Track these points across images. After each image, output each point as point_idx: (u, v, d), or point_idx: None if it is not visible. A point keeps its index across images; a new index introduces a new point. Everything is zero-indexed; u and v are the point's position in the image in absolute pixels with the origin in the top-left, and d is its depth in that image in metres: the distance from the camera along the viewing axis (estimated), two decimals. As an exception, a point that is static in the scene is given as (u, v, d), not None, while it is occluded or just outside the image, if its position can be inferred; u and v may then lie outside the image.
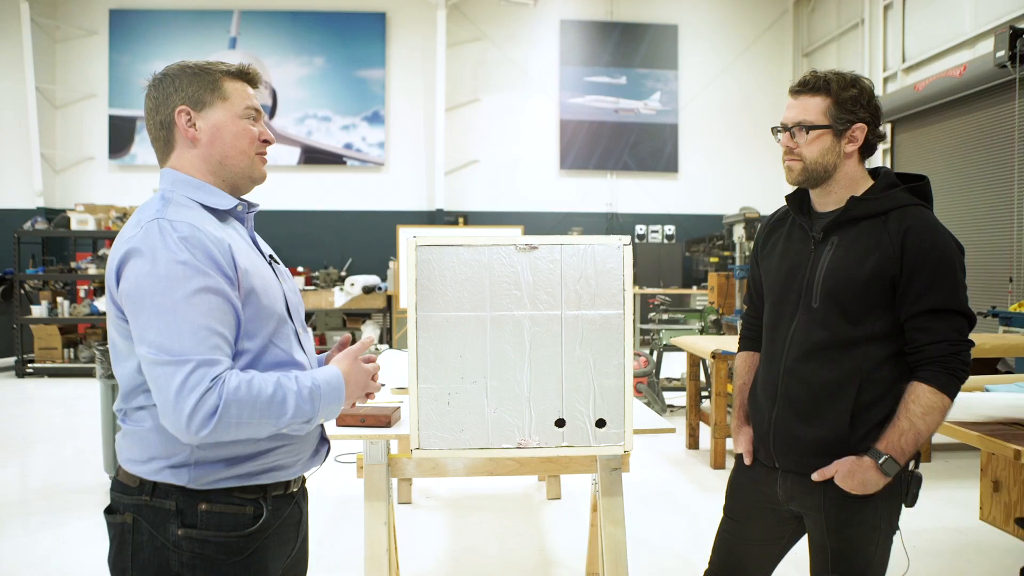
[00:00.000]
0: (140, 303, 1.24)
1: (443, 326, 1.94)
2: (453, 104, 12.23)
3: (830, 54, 11.57)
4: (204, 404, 1.20)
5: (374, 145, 12.31)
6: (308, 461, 1.49)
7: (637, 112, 12.46)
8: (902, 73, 9.76)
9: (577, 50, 12.41)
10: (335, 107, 12.25)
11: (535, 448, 1.97)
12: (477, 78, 12.39)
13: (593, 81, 12.43)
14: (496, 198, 12.44)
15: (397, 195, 12.34)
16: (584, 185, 12.53)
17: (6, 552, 3.39)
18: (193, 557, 1.30)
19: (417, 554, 3.38)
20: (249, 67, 1.48)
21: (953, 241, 1.60)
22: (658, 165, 12.52)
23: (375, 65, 12.24)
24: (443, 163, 12.05)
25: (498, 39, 12.36)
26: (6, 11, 11.65)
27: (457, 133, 12.29)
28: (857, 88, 1.64)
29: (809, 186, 1.71)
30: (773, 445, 1.73)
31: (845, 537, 1.64)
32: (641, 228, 12.37)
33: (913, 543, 3.50)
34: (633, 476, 4.50)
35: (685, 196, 12.48)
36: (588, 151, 12.48)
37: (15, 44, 11.51)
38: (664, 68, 12.42)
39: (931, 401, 1.56)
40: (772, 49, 12.53)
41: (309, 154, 12.27)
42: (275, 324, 1.38)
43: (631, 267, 1.95)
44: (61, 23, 11.95)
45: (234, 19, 12.06)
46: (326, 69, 12.21)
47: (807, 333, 1.67)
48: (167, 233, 1.26)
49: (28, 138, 11.58)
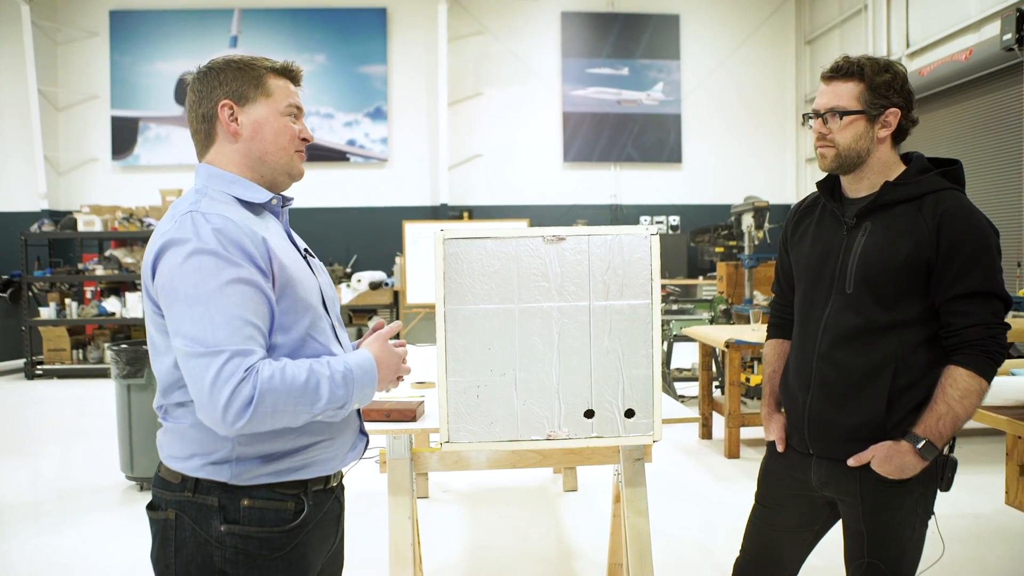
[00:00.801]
0: (174, 295, 1.25)
1: (471, 319, 1.94)
2: (455, 98, 12.20)
3: (833, 41, 11.53)
4: (239, 395, 1.20)
5: (377, 141, 12.29)
6: (347, 455, 1.49)
7: (640, 103, 12.42)
8: (906, 59, 9.71)
9: (579, 42, 12.37)
10: (337, 104, 12.23)
11: (564, 439, 1.98)
12: (479, 72, 12.36)
13: (595, 73, 12.40)
14: (500, 192, 12.43)
15: (401, 191, 12.33)
16: (588, 177, 12.51)
17: (24, 552, 3.40)
18: (236, 553, 1.31)
19: (437, 548, 3.39)
20: (293, 64, 1.49)
21: (988, 224, 1.60)
22: (661, 156, 12.49)
23: (377, 61, 12.21)
24: (446, 158, 12.03)
25: (499, 32, 12.32)
26: (7, 14, 11.63)
27: (460, 127, 12.27)
28: (891, 73, 1.63)
29: (842, 172, 1.70)
30: (808, 431, 1.73)
31: (881, 522, 1.64)
32: (646, 219, 12.34)
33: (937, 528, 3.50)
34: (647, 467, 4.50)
35: (689, 186, 12.46)
36: (591, 143, 12.46)
37: (16, 47, 11.49)
38: (666, 58, 12.38)
39: (968, 384, 1.56)
40: (774, 37, 12.48)
41: (312, 151, 12.24)
42: (311, 317, 1.39)
43: (658, 257, 1.95)
44: (62, 25, 11.93)
45: (235, 18, 12.03)
46: (328, 66, 12.18)
47: (841, 319, 1.66)
48: (200, 225, 1.26)
49: (31, 141, 11.58)
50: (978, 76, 7.96)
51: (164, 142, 11.80)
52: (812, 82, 12.28)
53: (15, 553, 3.42)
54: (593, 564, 3.17)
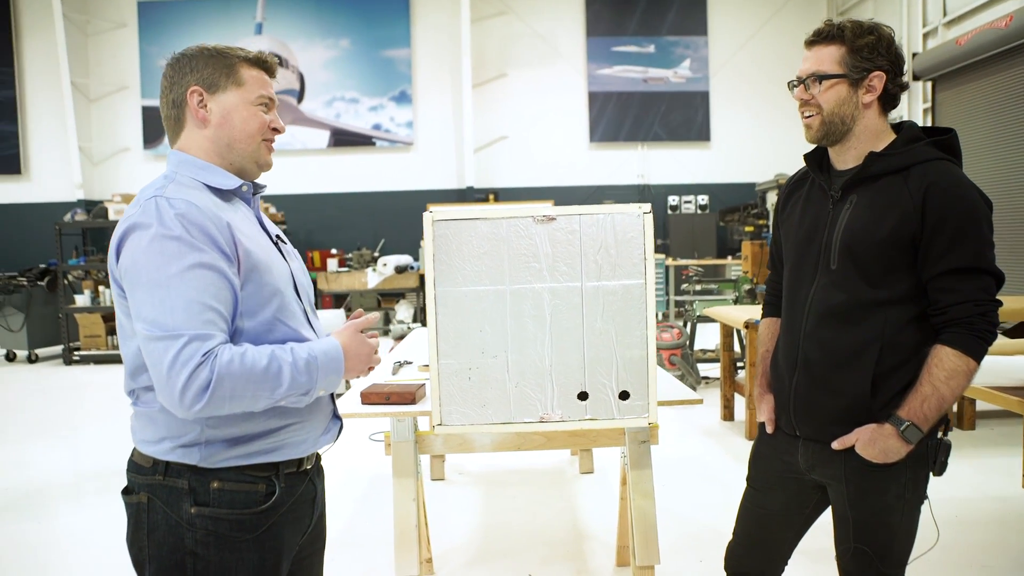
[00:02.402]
0: (136, 279, 1.26)
1: (462, 301, 1.92)
2: (480, 80, 12.14)
3: (866, 12, 11.17)
4: (196, 378, 1.21)
5: (402, 125, 12.30)
6: (319, 438, 1.49)
7: (667, 81, 12.22)
8: (943, 28, 9.38)
9: (603, 20, 12.19)
10: (362, 88, 12.26)
11: (558, 422, 1.96)
12: (503, 53, 12.27)
13: (621, 51, 12.22)
14: (526, 173, 12.36)
15: (427, 174, 12.34)
16: (615, 157, 12.37)
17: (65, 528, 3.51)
18: (207, 535, 1.32)
19: (448, 529, 3.40)
20: (268, 56, 1.48)
21: (979, 195, 1.52)
22: (689, 134, 12.29)
23: (401, 44, 12.19)
24: (472, 140, 11.99)
25: (523, 12, 12.20)
26: (39, 8, 11.87)
27: (485, 110, 12.21)
28: (875, 35, 1.56)
29: (829, 143, 1.63)
30: (793, 413, 1.68)
31: (867, 507, 1.59)
32: (674, 199, 12.19)
33: (955, 512, 3.41)
34: (667, 449, 4.46)
35: (718, 165, 12.24)
36: (618, 122, 12.31)
37: (49, 40, 11.73)
38: (693, 34, 12.14)
39: (955, 365, 1.49)
40: (805, 9, 12.14)
41: (338, 136, 12.32)
42: (279, 302, 1.39)
43: (652, 235, 1.91)
44: (92, 17, 12.12)
45: (259, 4, 12.10)
46: (352, 51, 12.20)
47: (826, 296, 1.61)
48: (164, 210, 1.27)
49: (66, 132, 11.84)
50: (1019, 44, 7.65)
51: (193, 130, 11.97)
52: (845, 55, 11.92)
53: (59, 529, 3.54)
54: (603, 546, 3.16)
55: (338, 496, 3.86)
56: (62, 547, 3.33)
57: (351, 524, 3.52)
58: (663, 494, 3.75)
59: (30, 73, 12.18)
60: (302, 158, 12.29)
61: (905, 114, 10.10)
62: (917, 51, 9.74)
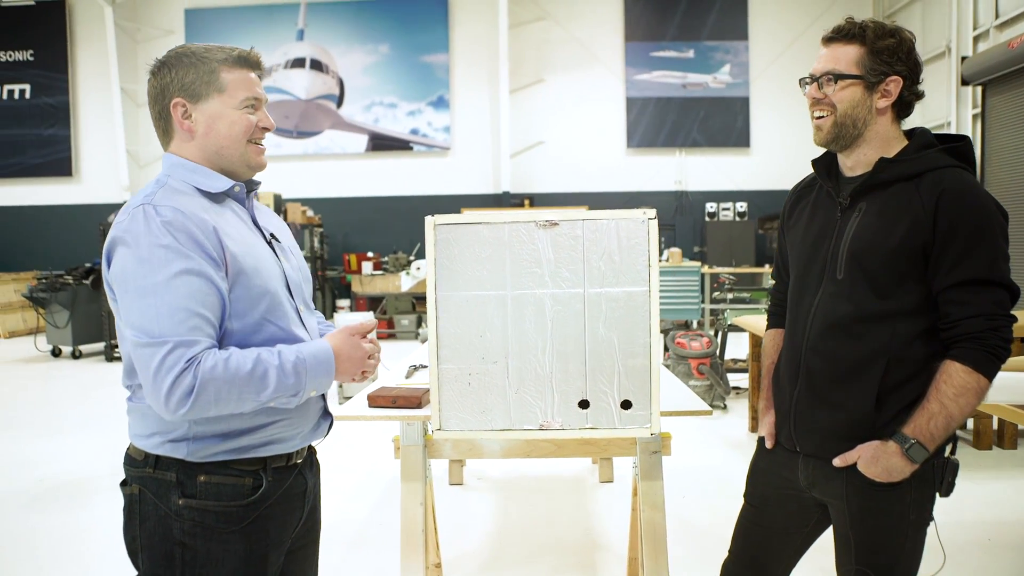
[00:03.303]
0: (124, 286, 1.29)
1: (463, 306, 1.91)
2: (517, 86, 12.16)
3: (914, 14, 10.88)
4: (180, 384, 1.24)
5: (440, 130, 12.39)
6: (308, 435, 1.51)
7: (706, 86, 12.08)
8: (995, 30, 9.07)
9: (642, 25, 12.11)
10: (401, 93, 12.39)
11: (558, 430, 1.93)
12: (541, 58, 12.27)
13: (660, 56, 12.12)
14: (562, 179, 12.34)
15: (463, 179, 12.40)
16: (652, 163, 12.26)
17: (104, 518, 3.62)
18: (194, 525, 1.35)
19: (463, 534, 3.39)
20: (250, 52, 1.46)
21: (994, 204, 1.44)
22: (729, 140, 12.12)
23: (439, 50, 12.29)
24: (508, 145, 12.02)
25: (561, 17, 12.19)
26: (92, 17, 12.29)
27: (522, 115, 12.23)
28: (896, 38, 1.49)
29: (839, 148, 1.57)
30: (794, 427, 1.61)
31: (869, 528, 1.51)
32: (712, 206, 12.01)
33: (989, 535, 3.27)
34: (690, 459, 4.39)
35: (758, 171, 12.04)
36: (656, 128, 12.20)
37: (100, 48, 12.14)
38: (734, 39, 11.98)
39: (965, 381, 1.41)
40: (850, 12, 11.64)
41: (376, 141, 12.46)
42: (268, 303, 1.40)
43: (656, 242, 1.87)
44: (141, 25, 12.51)
45: (301, 11, 12.33)
46: (391, 56, 12.35)
47: (831, 306, 1.54)
48: (151, 218, 1.29)
49: (115, 136, 12.22)
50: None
51: (236, 135, 12.21)
52: (891, 59, 11.62)
53: (96, 518, 3.66)
54: (615, 557, 3.11)
55: (355, 496, 3.88)
56: (98, 536, 3.43)
57: (366, 525, 3.53)
58: (682, 505, 3.68)
59: (83, 80, 12.61)
60: (340, 162, 12.46)
61: (953, 120, 9.80)
62: (967, 55, 9.44)
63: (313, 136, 12.41)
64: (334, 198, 12.25)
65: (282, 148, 12.34)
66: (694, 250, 11.92)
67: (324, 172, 12.38)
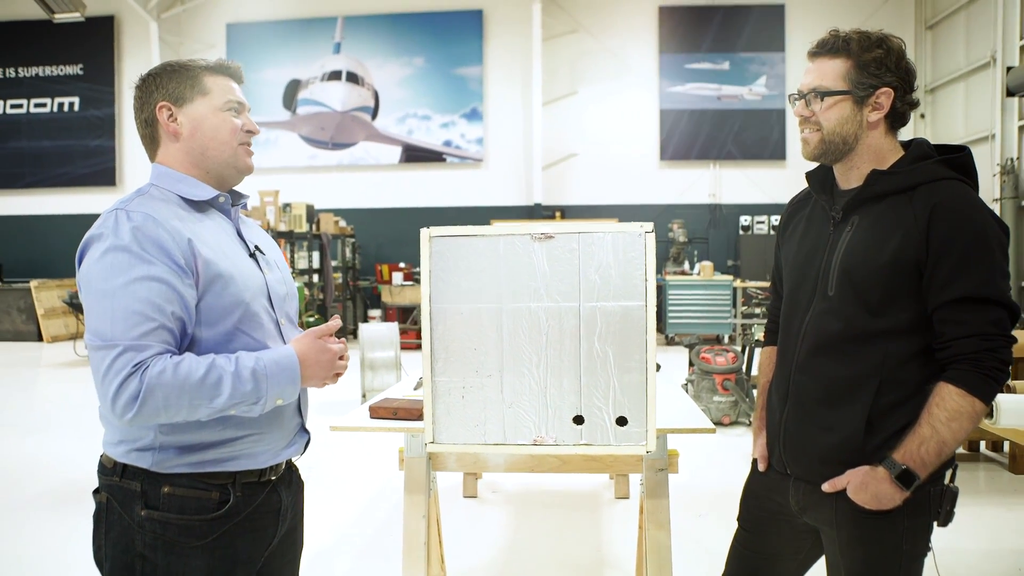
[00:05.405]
0: (87, 289, 1.30)
1: (457, 319, 1.89)
2: (550, 98, 12.17)
3: (958, 25, 10.62)
4: (126, 389, 1.23)
5: (472, 142, 12.46)
6: (281, 451, 1.47)
7: (741, 98, 11.94)
8: (1041, 41, 8.81)
9: (676, 36, 12.03)
10: (434, 105, 12.49)
11: (552, 446, 1.90)
12: (574, 70, 12.27)
13: (694, 68, 12.02)
14: (594, 191, 12.29)
15: (495, 191, 12.43)
16: (686, 176, 12.14)
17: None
18: (155, 538, 1.32)
19: (472, 548, 3.36)
20: (231, 62, 1.50)
21: (991, 218, 1.37)
22: (764, 153, 11.94)
23: (473, 62, 12.37)
24: (540, 157, 12.02)
25: (594, 29, 12.18)
26: (139, 32, 12.68)
27: (555, 127, 12.23)
28: (883, 48, 1.43)
29: (828, 161, 1.52)
30: (784, 449, 1.56)
31: (860, 557, 1.44)
32: (746, 219, 11.84)
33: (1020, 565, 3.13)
34: (710, 478, 4.29)
35: (794, 185, 11.74)
36: (689, 141, 12.09)
37: (146, 61, 12.49)
38: (770, 51, 11.83)
39: (958, 405, 1.34)
40: (891, 23, 11.62)
41: (410, 152, 12.58)
42: (242, 313, 1.38)
43: (653, 256, 1.84)
44: (184, 39, 12.85)
45: (338, 25, 12.54)
46: (425, 68, 12.47)
47: (821, 324, 1.48)
48: (121, 223, 1.30)
49: (157, 146, 12.52)
50: (1123, 57, 7.09)
51: (272, 145, 12.44)
52: (934, 70, 11.36)
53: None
54: (622, 575, 3.05)
55: (367, 509, 3.88)
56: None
57: (375, 538, 3.53)
58: (697, 525, 3.60)
59: (128, 92, 12.96)
60: (374, 173, 12.60)
61: (998, 132, 9.52)
62: (1012, 65, 9.16)
63: (348, 148, 12.58)
64: (367, 208, 12.37)
65: (317, 159, 12.52)
66: (727, 264, 11.75)
67: (358, 183, 12.52)
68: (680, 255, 10.67)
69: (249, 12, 12.64)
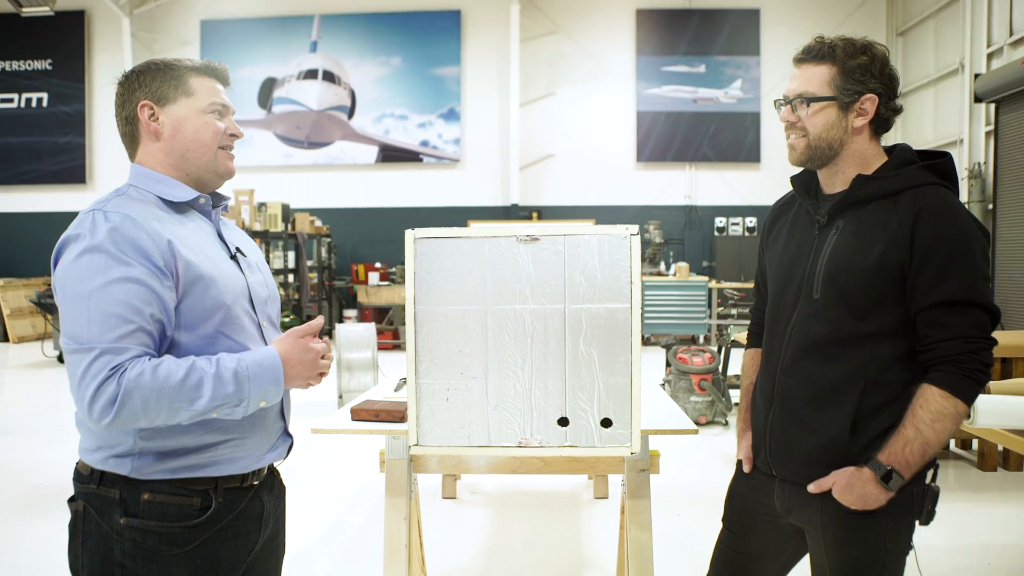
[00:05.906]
0: (63, 291, 1.27)
1: (442, 320, 1.89)
2: (528, 99, 12.19)
3: (927, 31, 10.83)
4: (103, 392, 1.20)
5: (450, 142, 12.43)
6: (263, 456, 1.45)
7: (717, 101, 12.05)
8: (1008, 47, 9.00)
9: (654, 39, 12.12)
10: (412, 105, 12.44)
11: (537, 447, 1.90)
12: (552, 72, 12.30)
13: (671, 71, 12.11)
14: (571, 192, 12.33)
15: (472, 191, 12.42)
16: (662, 178, 12.23)
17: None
18: (135, 547, 1.30)
19: (452, 550, 3.36)
20: (218, 64, 1.47)
21: (974, 224, 1.41)
22: (739, 156, 12.07)
23: (450, 63, 12.35)
24: (518, 158, 12.03)
25: (572, 31, 12.22)
26: (110, 27, 12.46)
27: (532, 128, 12.25)
28: (868, 55, 1.47)
29: (814, 166, 1.55)
30: (769, 451, 1.58)
31: (845, 556, 1.47)
32: (721, 220, 11.96)
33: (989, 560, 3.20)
34: (687, 477, 4.33)
35: (768, 187, 11.97)
36: (666, 143, 12.18)
37: (117, 58, 12.30)
38: (745, 55, 11.96)
39: (942, 406, 1.37)
40: (863, 29, 11.79)
41: (386, 152, 12.51)
42: (223, 316, 1.36)
43: (639, 258, 1.85)
44: (158, 35, 12.65)
45: (315, 24, 12.44)
46: (403, 68, 12.42)
47: (806, 327, 1.51)
48: (98, 224, 1.27)
49: (129, 144, 12.32)
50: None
51: (247, 144, 12.28)
52: (904, 76, 11.56)
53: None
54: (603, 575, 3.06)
55: (347, 511, 3.86)
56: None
57: (354, 540, 3.51)
58: (677, 524, 3.63)
59: (99, 88, 12.76)
60: (351, 173, 12.51)
61: (966, 137, 9.71)
62: (980, 72, 9.36)
63: (324, 147, 12.48)
64: (343, 208, 12.29)
65: (293, 158, 12.41)
66: (703, 265, 11.85)
67: (334, 183, 12.43)
68: (656, 256, 10.75)
69: (224, 9, 12.48)
